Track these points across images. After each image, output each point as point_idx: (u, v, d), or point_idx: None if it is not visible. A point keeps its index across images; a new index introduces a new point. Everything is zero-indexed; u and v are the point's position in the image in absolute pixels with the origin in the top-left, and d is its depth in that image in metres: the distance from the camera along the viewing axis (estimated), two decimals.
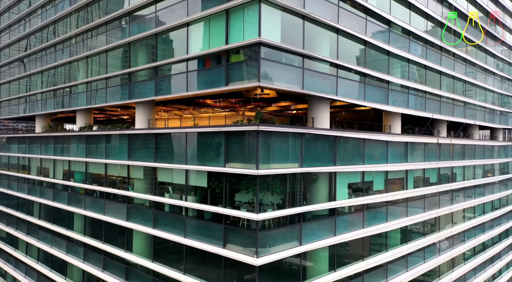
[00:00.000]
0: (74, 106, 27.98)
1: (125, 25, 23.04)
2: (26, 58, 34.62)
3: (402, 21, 24.18)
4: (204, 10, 17.85)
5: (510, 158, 42.59)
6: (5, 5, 37.75)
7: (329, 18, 19.03)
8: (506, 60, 40.26)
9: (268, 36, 15.90)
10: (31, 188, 33.33)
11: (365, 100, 21.65)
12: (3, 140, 38.16)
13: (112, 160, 23.81)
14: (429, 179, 28.32)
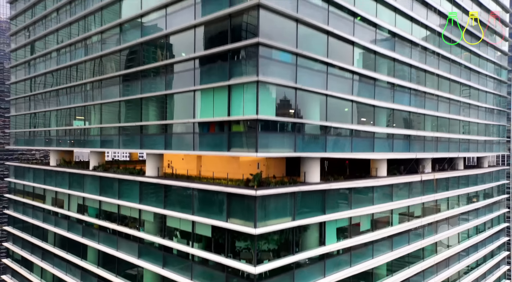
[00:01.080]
0: (88, 147, 30.52)
1: (138, 82, 25.55)
2: (42, 94, 37.13)
3: (387, 76, 26.72)
4: (209, 83, 20.39)
5: (495, 182, 45.10)
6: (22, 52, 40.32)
7: (319, 86, 21.57)
8: (490, 91, 42.71)
9: (264, 112, 18.44)
10: (46, 217, 35.86)
11: (352, 151, 24.18)
12: (20, 168, 40.69)
13: (124, 202, 26.32)
14: (414, 213, 30.86)
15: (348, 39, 23.30)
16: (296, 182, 21.88)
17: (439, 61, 33.02)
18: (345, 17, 23.33)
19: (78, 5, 31.18)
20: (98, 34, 28.99)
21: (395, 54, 27.33)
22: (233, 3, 19.16)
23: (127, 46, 26.05)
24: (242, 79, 18.69)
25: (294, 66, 20.16)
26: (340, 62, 22.75)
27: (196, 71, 21.57)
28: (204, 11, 20.88)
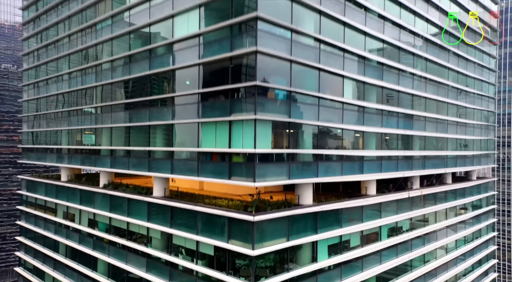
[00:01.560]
0: (99, 166, 32.79)
1: (146, 110, 27.83)
2: (54, 114, 39.40)
3: (375, 103, 28.97)
4: (212, 117, 22.67)
5: (484, 194, 47.30)
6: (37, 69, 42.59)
7: (312, 118, 23.83)
8: (478, 108, 44.90)
9: (261, 146, 20.70)
10: (58, 229, 38.14)
11: (342, 175, 26.43)
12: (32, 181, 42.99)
13: (132, 220, 28.59)
14: (402, 227, 33.09)
15: (339, 74, 25.58)
16: (291, 204, 24.13)
17: (426, 84, 35.26)
18: (335, 53, 25.61)
19: (89, 34, 33.47)
20: (108, 62, 31.28)
21: (383, 82, 29.58)
22: (234, 48, 21.43)
23: (136, 76, 28.35)
24: (242, 116, 20.95)
25: (289, 102, 22.43)
26: (330, 95, 25.04)
27: (200, 104, 23.85)
28: (207, 53, 23.17)
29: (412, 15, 32.75)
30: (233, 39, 21.72)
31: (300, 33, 22.89)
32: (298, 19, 22.76)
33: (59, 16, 37.53)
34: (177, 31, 25.04)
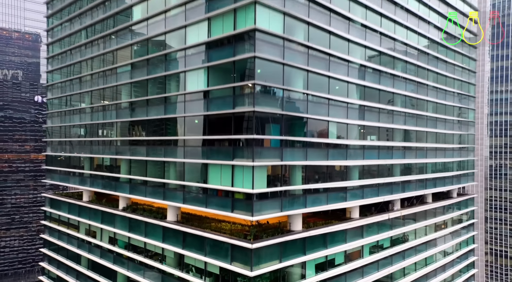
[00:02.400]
0: (119, 191, 37.69)
1: (161, 147, 32.74)
2: (76, 141, 44.39)
3: (357, 140, 33.75)
4: (218, 160, 27.52)
5: (464, 209, 51.95)
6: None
7: (301, 159, 28.64)
8: (457, 132, 49.54)
9: (258, 186, 25.51)
10: (80, 244, 43.09)
11: (327, 204, 31.24)
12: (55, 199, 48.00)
13: (149, 240, 33.47)
14: (383, 245, 37.82)
15: (324, 119, 30.40)
16: (283, 231, 28.92)
17: (405, 118, 39.99)
18: (322, 102, 30.43)
19: (109, 76, 38.42)
20: (127, 103, 36.22)
21: (364, 121, 34.37)
22: (236, 105, 26.27)
23: (153, 118, 33.25)
24: (243, 162, 25.76)
25: (281, 149, 27.23)
26: (318, 138, 29.86)
27: (207, 147, 28.71)
28: (213, 106, 28.04)
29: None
30: (236, 98, 26.60)
31: (290, 90, 27.74)
32: (290, 80, 27.61)
33: (82, 56, 42.53)
34: (189, 85, 29.93)
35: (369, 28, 34.26)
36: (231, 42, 26.80)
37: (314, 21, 28.96)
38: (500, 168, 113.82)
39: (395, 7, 37.41)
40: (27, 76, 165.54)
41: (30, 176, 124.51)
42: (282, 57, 26.78)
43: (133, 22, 35.04)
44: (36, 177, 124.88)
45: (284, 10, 26.65)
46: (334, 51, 30.90)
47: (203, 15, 28.22)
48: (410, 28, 39.23)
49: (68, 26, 45.31)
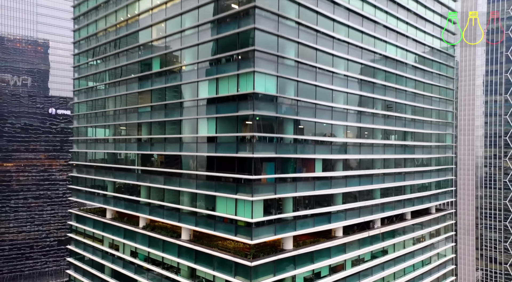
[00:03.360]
0: (139, 212, 44.34)
1: (177, 178, 39.40)
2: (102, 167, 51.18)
3: (342, 171, 40.27)
4: (224, 193, 34.12)
5: (442, 224, 58.25)
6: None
7: (291, 191, 35.21)
8: (435, 156, 55.83)
9: (257, 216, 32.08)
10: (104, 256, 49.83)
11: (314, 226, 37.77)
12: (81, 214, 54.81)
13: (166, 255, 40.16)
14: (364, 258, 44.30)
15: (312, 158, 36.96)
16: (277, 250, 35.49)
17: (384, 148, 46.46)
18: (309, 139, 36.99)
19: (130, 113, 45.17)
20: (147, 136, 42.93)
21: (346, 155, 40.86)
22: (239, 151, 32.88)
23: (168, 154, 39.95)
24: (244, 197, 32.37)
25: (275, 184, 33.82)
26: (306, 173, 36.42)
27: (216, 182, 35.33)
28: (220, 149, 34.66)
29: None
30: (238, 144, 33.22)
31: (282, 138, 34.37)
32: (282, 129, 34.21)
33: (106, 94, 49.34)
34: (200, 130, 36.60)
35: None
36: (235, 99, 33.44)
37: (303, 79, 35.58)
38: (490, 178, 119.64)
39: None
40: (35, 83, 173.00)
41: (44, 184, 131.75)
42: (275, 112, 33.40)
43: (154, 71, 41.76)
44: (50, 185, 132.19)
45: (278, 74, 33.27)
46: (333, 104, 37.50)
47: (214, 75, 34.89)
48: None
49: (94, 66, 52.16)
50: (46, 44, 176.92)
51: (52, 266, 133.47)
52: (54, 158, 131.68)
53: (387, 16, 45.44)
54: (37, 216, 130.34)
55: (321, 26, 37.17)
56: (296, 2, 34.75)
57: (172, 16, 39.31)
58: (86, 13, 52.95)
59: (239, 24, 32.77)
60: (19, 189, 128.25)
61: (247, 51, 31.99)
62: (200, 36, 36.51)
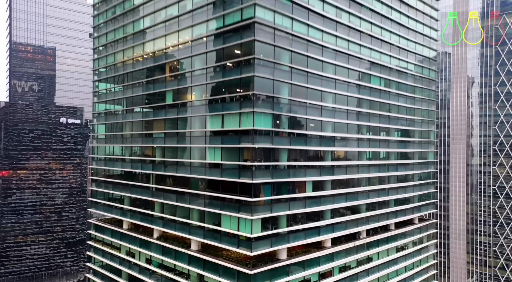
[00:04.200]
0: (154, 225, 50.68)
1: (187, 197, 45.72)
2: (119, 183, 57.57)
3: (330, 190, 46.56)
4: (228, 212, 40.45)
5: (424, 233, 64.38)
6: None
7: (285, 209, 41.53)
8: (418, 172, 61.94)
9: (256, 231, 38.38)
10: (121, 262, 56.22)
11: (305, 239, 44.05)
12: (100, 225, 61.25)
13: (177, 262, 46.50)
14: (350, 265, 50.55)
15: (303, 180, 43.22)
16: (273, 259, 41.76)
17: (369, 168, 52.67)
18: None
19: (145, 138, 51.54)
20: (160, 158, 49.33)
21: (334, 176, 47.10)
22: (240, 177, 39.16)
23: (180, 176, 46.31)
24: (245, 215, 38.65)
25: (271, 204, 40.12)
26: (298, 194, 42.74)
27: (221, 202, 41.61)
28: (225, 174, 40.99)
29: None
30: (240, 170, 39.52)
31: (278, 165, 40.69)
32: (277, 158, 40.52)
33: (124, 119, 55.77)
34: (208, 157, 42.95)
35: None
36: (238, 133, 39.77)
37: (296, 114, 41.88)
38: (480, 185, 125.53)
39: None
40: (44, 90, 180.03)
41: (54, 189, 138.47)
42: (271, 143, 39.71)
43: (167, 103, 48.18)
44: (60, 191, 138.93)
45: (274, 112, 39.60)
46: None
47: (219, 111, 41.23)
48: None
49: (112, 93, 58.66)
50: (54, 52, 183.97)
51: (64, 266, 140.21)
52: (64, 164, 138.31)
53: (371, 51, 51.71)
54: (49, 220, 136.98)
55: (311, 68, 43.45)
56: (289, 50, 41.05)
57: (184, 57, 45.74)
58: (105, 45, 59.39)
59: (241, 70, 39.11)
60: (31, 194, 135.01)
61: (248, 94, 38.33)
62: (207, 77, 42.92)
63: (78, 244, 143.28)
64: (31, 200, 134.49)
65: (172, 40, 47.50)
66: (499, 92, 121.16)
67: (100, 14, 60.36)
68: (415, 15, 59.58)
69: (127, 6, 54.29)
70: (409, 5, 58.19)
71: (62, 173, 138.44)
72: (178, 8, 46.10)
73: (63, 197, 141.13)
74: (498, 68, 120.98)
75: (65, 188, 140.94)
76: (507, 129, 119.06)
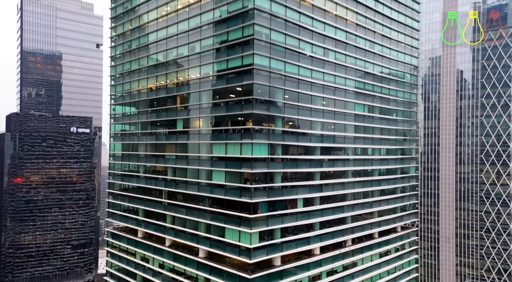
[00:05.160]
0: (166, 235, 58.17)
1: (196, 212, 53.27)
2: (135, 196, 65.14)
3: (319, 205, 54.11)
4: (230, 225, 47.99)
5: (406, 240, 71.80)
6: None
7: (279, 223, 49.08)
8: (400, 186, 69.34)
9: (254, 243, 45.92)
10: (137, 266, 63.79)
11: (296, 248, 51.53)
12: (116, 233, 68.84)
13: (187, 268, 54.02)
14: (337, 270, 58.00)
15: (294, 198, 50.75)
16: (269, 265, 49.23)
17: (354, 184, 60.10)
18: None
19: (159, 158, 59.10)
20: (172, 177, 56.87)
21: (322, 193, 54.59)
22: (241, 196, 46.68)
23: (190, 193, 53.86)
24: (245, 229, 46.11)
25: (267, 219, 47.61)
26: (290, 209, 50.21)
27: (225, 217, 49.09)
28: (228, 194, 48.56)
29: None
30: (241, 191, 47.00)
31: (272, 186, 48.28)
32: (272, 179, 48.09)
33: (139, 140, 63.35)
34: (214, 178, 50.46)
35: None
36: (239, 160, 47.27)
37: (289, 142, 49.43)
38: (468, 191, 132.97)
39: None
40: (50, 95, 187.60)
41: (65, 195, 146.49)
42: (267, 168, 47.24)
43: (178, 130, 55.75)
44: (71, 196, 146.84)
45: (269, 142, 47.15)
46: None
47: (223, 140, 48.79)
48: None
49: (127, 116, 66.26)
50: (61, 61, 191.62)
51: (72, 268, 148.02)
52: (73, 171, 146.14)
53: (356, 82, 59.23)
54: (60, 224, 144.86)
55: (301, 101, 51.00)
56: (282, 88, 48.57)
57: (193, 91, 53.31)
58: (122, 74, 66.99)
59: (242, 107, 46.62)
60: (43, 199, 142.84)
61: (248, 127, 45.85)
62: (212, 110, 50.51)
63: (85, 247, 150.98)
64: (43, 205, 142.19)
65: (182, 75, 55.12)
66: (485, 104, 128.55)
67: (117, 46, 67.98)
68: (396, 46, 67.02)
69: (142, 42, 61.88)
70: (391, 38, 65.65)
71: (72, 180, 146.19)
72: (188, 49, 53.68)
73: (72, 201, 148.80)
74: (484, 82, 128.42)
75: (74, 193, 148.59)
76: (492, 139, 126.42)
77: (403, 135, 70.37)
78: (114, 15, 67.96)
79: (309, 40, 51.55)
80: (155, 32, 59.22)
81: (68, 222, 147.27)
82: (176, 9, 55.34)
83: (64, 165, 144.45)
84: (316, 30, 52.60)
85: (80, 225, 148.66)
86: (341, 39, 56.39)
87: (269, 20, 46.55)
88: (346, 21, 57.07)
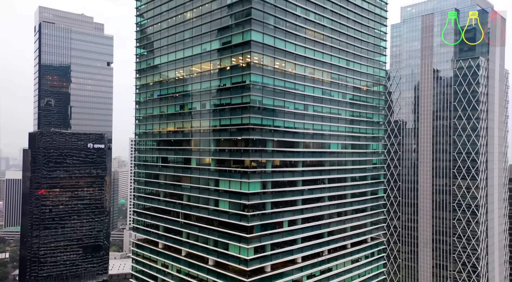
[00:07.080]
0: (183, 247, 74.49)
1: (206, 230, 69.73)
2: (153, 212, 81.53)
3: (306, 224, 70.62)
4: (233, 242, 64.48)
5: (375, 249, 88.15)
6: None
7: (270, 239, 65.57)
8: (369, 197, 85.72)
9: (250, 255, 62.37)
10: (158, 270, 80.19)
11: (283, 258, 67.96)
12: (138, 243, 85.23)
13: (200, 273, 70.38)
14: (315, 274, 74.29)
15: (281, 220, 67.25)
16: (262, 271, 65.56)
17: (329, 206, 76.51)
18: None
19: (176, 187, 75.58)
20: (187, 202, 73.32)
21: (304, 215, 71.02)
22: (241, 220, 63.15)
23: (201, 215, 70.33)
24: (244, 245, 62.50)
25: (260, 238, 63.99)
26: (278, 229, 66.71)
27: (229, 235, 65.52)
28: (231, 218, 65.10)
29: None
30: (241, 216, 63.41)
31: (265, 211, 64.94)
32: (265, 206, 64.66)
33: (160, 171, 79.83)
34: (220, 206, 66.91)
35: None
36: (239, 194, 63.67)
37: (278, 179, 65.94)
38: (442, 202, 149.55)
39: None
40: (62, 110, 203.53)
41: (83, 205, 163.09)
42: (260, 199, 63.71)
43: (192, 166, 72.21)
44: (88, 206, 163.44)
45: (261, 180, 63.59)
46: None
47: (227, 178, 65.21)
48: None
49: (150, 151, 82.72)
50: (74, 79, 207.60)
51: (86, 269, 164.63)
52: (89, 183, 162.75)
53: (330, 127, 75.79)
54: (78, 231, 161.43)
55: (287, 147, 67.45)
56: (271, 140, 65.01)
57: (204, 138, 69.70)
58: (145, 117, 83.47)
59: (241, 154, 62.97)
60: (63, 208, 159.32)
61: (245, 170, 62.24)
62: (220, 154, 67.00)
63: (99, 250, 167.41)
64: (63, 213, 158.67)
65: (196, 124, 71.56)
66: (457, 125, 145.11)
67: (141, 93, 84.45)
68: (366, 99, 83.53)
69: (163, 93, 78.34)
70: (360, 88, 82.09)
71: (89, 190, 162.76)
72: (200, 105, 70.16)
73: (88, 210, 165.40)
74: (456, 105, 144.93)
75: (90, 202, 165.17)
76: (463, 156, 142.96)
77: (372, 164, 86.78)
78: (139, 68, 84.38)
79: (292, 100, 68.06)
80: (174, 87, 75.67)
81: (85, 228, 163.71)
82: (190, 73, 71.80)
83: (81, 176, 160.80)
84: (298, 92, 69.08)
85: (96, 231, 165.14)
86: (318, 95, 72.84)
87: (261, 90, 63.02)
88: (322, 81, 73.53)
